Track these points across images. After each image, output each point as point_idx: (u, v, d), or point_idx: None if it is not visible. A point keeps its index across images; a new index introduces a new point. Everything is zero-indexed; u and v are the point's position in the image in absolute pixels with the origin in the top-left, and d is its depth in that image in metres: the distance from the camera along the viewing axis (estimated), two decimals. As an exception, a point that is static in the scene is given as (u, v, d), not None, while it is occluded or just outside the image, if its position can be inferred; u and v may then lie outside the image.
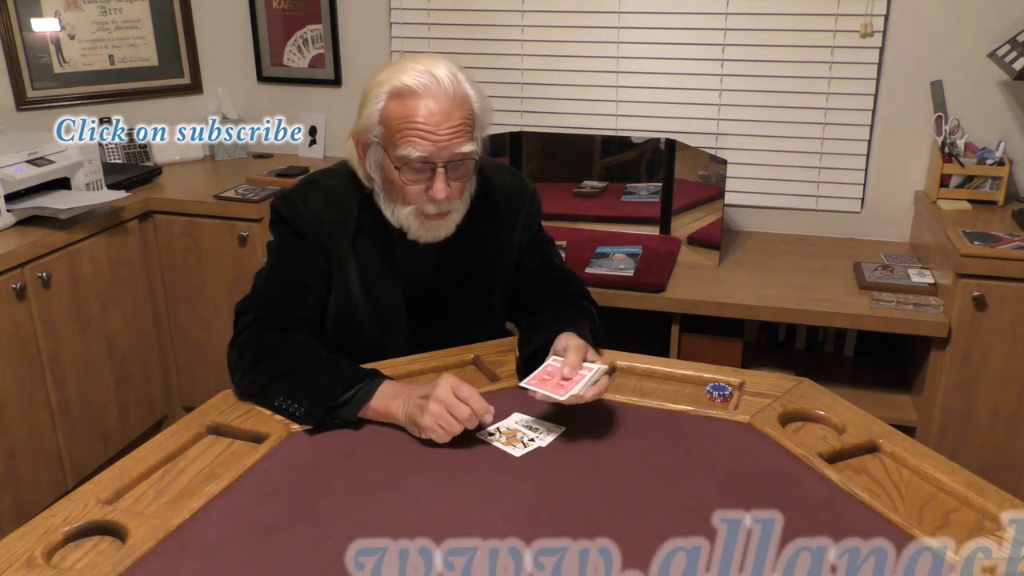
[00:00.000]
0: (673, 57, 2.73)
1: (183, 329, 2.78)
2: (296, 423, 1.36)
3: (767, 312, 2.27)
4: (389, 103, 1.41)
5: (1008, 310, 2.11)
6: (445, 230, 1.50)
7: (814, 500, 1.18)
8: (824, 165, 2.71)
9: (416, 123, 1.39)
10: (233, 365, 1.46)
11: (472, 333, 1.64)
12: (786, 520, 1.13)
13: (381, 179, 1.48)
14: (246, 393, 1.43)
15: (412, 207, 1.46)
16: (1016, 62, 2.30)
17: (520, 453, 1.28)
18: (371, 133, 1.44)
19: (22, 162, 2.31)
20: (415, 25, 2.92)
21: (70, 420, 2.41)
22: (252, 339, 1.45)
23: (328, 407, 1.35)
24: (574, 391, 1.31)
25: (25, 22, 2.78)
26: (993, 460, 2.23)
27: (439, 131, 1.39)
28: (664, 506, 1.16)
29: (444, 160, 1.41)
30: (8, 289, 2.16)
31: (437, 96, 1.39)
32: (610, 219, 2.76)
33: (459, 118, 1.40)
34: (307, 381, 1.37)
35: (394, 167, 1.42)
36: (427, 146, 1.39)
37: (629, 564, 1.05)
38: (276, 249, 1.56)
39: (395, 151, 1.41)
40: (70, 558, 1.08)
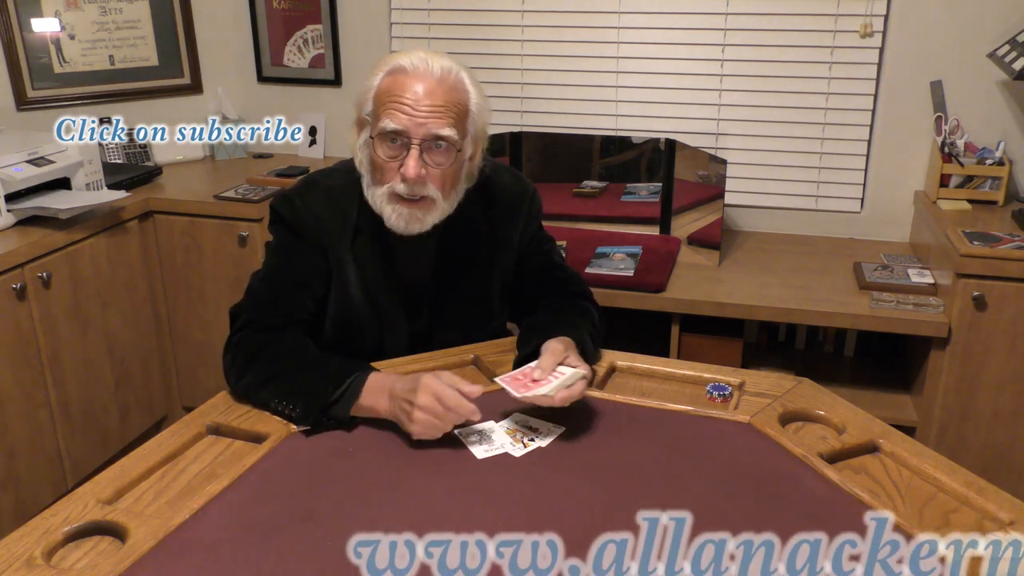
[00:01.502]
0: (673, 57, 2.73)
1: (183, 329, 2.78)
2: (293, 424, 1.36)
3: (767, 312, 2.27)
4: (383, 80, 1.45)
5: (1008, 310, 2.11)
6: (420, 224, 1.47)
7: (814, 500, 1.18)
8: (824, 165, 2.71)
9: (399, 96, 1.41)
10: (227, 368, 1.45)
11: (472, 333, 1.64)
12: (786, 520, 1.13)
13: (367, 160, 1.49)
14: (242, 396, 1.43)
15: (385, 187, 1.45)
16: (1016, 62, 2.30)
17: (520, 453, 1.29)
18: (364, 110, 1.47)
19: (22, 162, 2.31)
20: (415, 25, 2.92)
21: (70, 420, 2.41)
22: (245, 340, 1.45)
23: (323, 406, 1.35)
24: (537, 391, 1.32)
25: (25, 22, 2.78)
26: (993, 460, 2.23)
27: (418, 106, 1.40)
28: (664, 506, 1.16)
29: (420, 137, 1.41)
30: (8, 289, 2.16)
31: (425, 77, 1.41)
32: (610, 219, 2.76)
33: (443, 100, 1.41)
34: (300, 381, 1.37)
35: (372, 137, 1.44)
36: (404, 119, 1.40)
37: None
38: (274, 249, 1.56)
39: (377, 124, 1.43)
40: (70, 558, 1.08)
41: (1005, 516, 1.14)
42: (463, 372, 1.55)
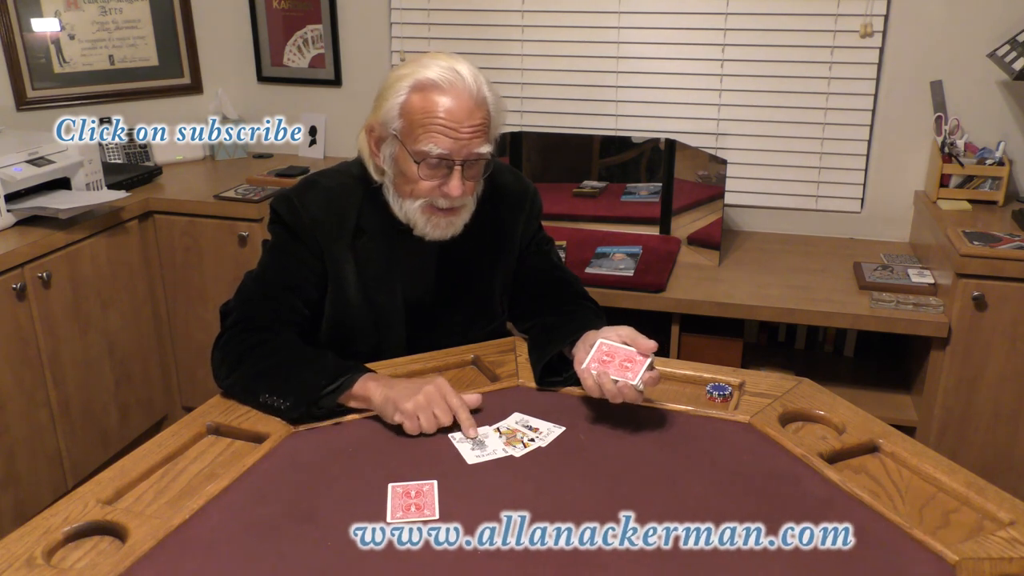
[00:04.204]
0: (673, 57, 2.73)
1: (183, 329, 2.78)
2: (281, 418, 1.36)
3: (767, 312, 2.27)
4: (411, 96, 1.41)
5: (1008, 310, 2.11)
6: (453, 229, 1.50)
7: (814, 500, 1.18)
8: (824, 165, 2.71)
9: (438, 118, 1.39)
10: (217, 365, 1.45)
11: (472, 333, 1.64)
12: (786, 520, 1.13)
13: (394, 173, 1.48)
14: (230, 391, 1.43)
15: (422, 200, 1.46)
16: (1016, 62, 2.30)
17: (520, 453, 1.28)
18: (389, 126, 1.44)
19: (22, 162, 2.31)
20: (415, 25, 2.92)
21: (70, 420, 2.41)
22: (235, 338, 1.45)
23: (313, 401, 1.35)
24: (640, 374, 1.30)
25: (25, 22, 2.78)
26: (993, 460, 2.23)
27: (461, 129, 1.39)
28: (664, 506, 1.16)
29: (462, 158, 1.41)
30: (8, 289, 2.16)
31: (460, 94, 1.39)
32: (610, 219, 2.76)
33: (480, 118, 1.41)
34: (292, 376, 1.37)
35: (412, 161, 1.42)
36: (448, 143, 1.39)
37: (629, 564, 1.05)
38: (270, 249, 1.55)
39: (414, 145, 1.41)
40: (70, 558, 1.08)
41: (1005, 516, 1.14)
42: (463, 372, 1.55)
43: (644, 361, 1.33)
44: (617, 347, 1.35)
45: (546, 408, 1.40)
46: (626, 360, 1.33)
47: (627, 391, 1.31)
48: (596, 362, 1.35)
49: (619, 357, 1.34)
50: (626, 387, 1.31)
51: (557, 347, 1.47)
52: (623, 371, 1.32)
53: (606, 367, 1.33)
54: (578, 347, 1.42)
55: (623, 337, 1.37)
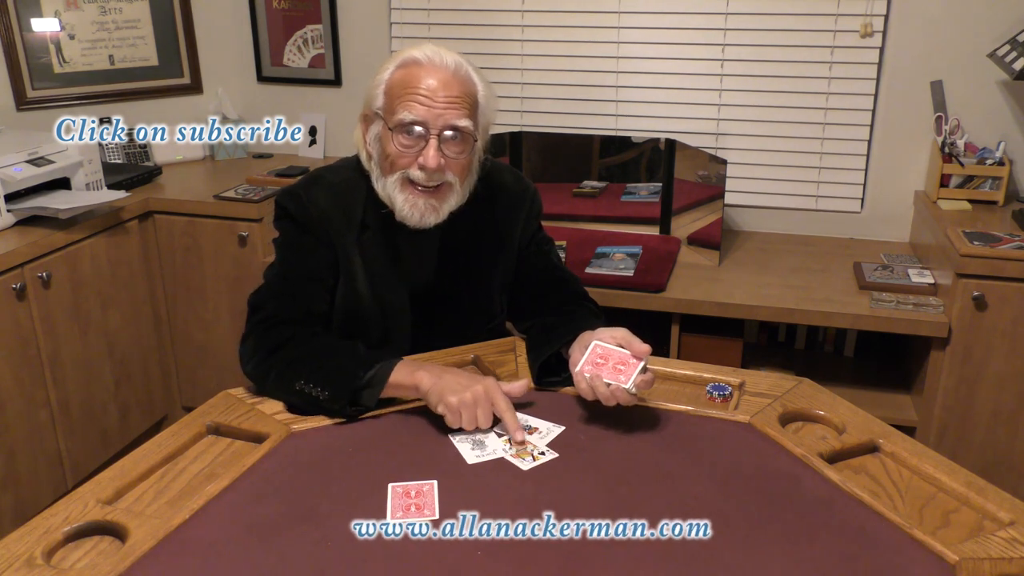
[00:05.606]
0: (673, 57, 2.73)
1: (183, 329, 2.78)
2: (318, 409, 1.36)
3: (767, 312, 2.27)
4: (394, 73, 1.45)
5: (1008, 310, 2.11)
6: (435, 215, 1.48)
7: (814, 500, 1.18)
8: (824, 165, 2.71)
9: (416, 89, 1.41)
10: (248, 355, 1.45)
11: (472, 331, 1.64)
12: (786, 520, 1.13)
13: (379, 154, 1.49)
14: (261, 378, 1.42)
15: (399, 174, 1.45)
16: (1016, 62, 2.30)
17: (528, 467, 1.25)
18: (374, 105, 1.47)
19: (22, 162, 2.31)
20: (415, 25, 2.92)
21: (70, 420, 2.41)
22: (271, 331, 1.45)
23: (352, 389, 1.35)
24: (633, 378, 1.30)
25: (25, 22, 2.78)
26: (993, 460, 2.23)
27: (436, 98, 1.41)
28: (664, 507, 1.16)
29: (439, 128, 1.42)
30: (8, 289, 2.16)
31: (440, 68, 1.43)
32: (610, 219, 2.76)
33: (458, 91, 1.43)
34: (329, 365, 1.37)
35: (391, 133, 1.43)
36: (423, 111, 1.41)
37: (628, 564, 1.05)
38: (283, 245, 1.56)
39: (392, 117, 1.43)
40: (70, 558, 1.08)
41: (1005, 516, 1.14)
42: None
43: (638, 364, 1.32)
44: (612, 350, 1.35)
45: (545, 408, 1.40)
46: (620, 363, 1.33)
47: (620, 394, 1.31)
48: (590, 364, 1.35)
49: (613, 360, 1.34)
50: (619, 390, 1.31)
51: (554, 347, 1.47)
52: (616, 374, 1.32)
53: (599, 370, 1.33)
54: (574, 348, 1.42)
55: (618, 339, 1.36)
